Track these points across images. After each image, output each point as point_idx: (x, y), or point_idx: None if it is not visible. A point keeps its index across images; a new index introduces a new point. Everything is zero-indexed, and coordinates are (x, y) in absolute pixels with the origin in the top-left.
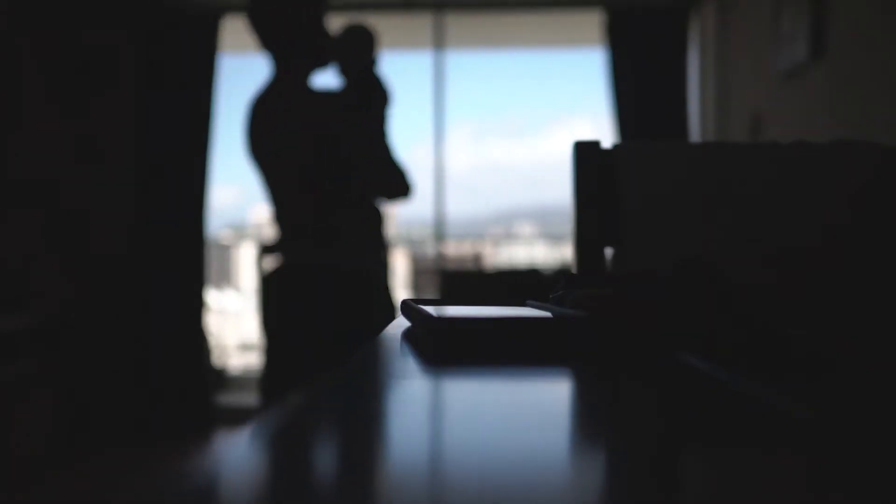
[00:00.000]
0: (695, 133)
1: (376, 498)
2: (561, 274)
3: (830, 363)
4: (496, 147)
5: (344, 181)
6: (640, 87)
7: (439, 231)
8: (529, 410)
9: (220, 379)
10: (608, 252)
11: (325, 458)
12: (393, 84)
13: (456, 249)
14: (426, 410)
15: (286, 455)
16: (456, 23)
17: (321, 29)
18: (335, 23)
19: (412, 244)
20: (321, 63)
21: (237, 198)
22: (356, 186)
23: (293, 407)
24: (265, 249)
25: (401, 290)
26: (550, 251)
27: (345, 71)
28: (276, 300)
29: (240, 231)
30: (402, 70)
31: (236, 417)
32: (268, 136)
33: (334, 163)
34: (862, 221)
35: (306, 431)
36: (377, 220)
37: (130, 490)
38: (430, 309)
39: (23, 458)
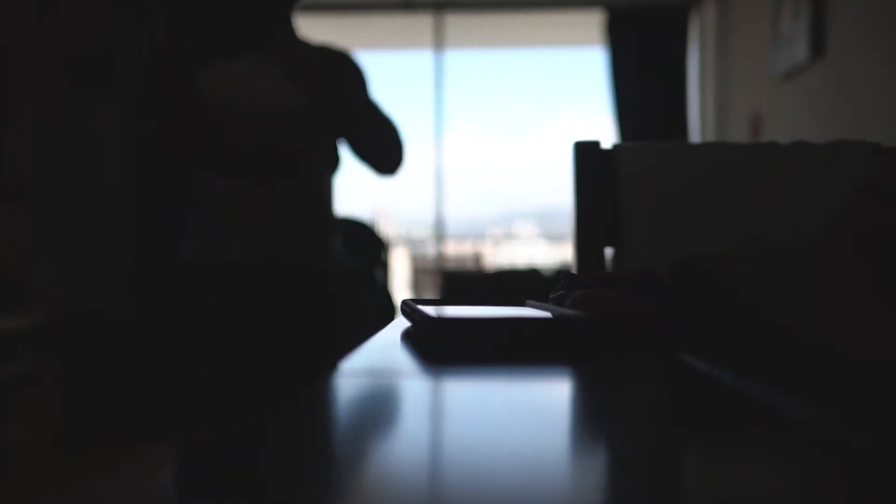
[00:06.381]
0: (695, 133)
1: (374, 498)
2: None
3: (829, 363)
4: (496, 147)
5: None
6: (640, 86)
7: (439, 231)
8: (529, 410)
9: None
10: (608, 252)
11: (323, 458)
12: (393, 84)
13: (456, 249)
14: (426, 410)
15: (285, 455)
16: (456, 23)
17: None
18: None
19: (412, 244)
20: None
21: None
22: None
23: (292, 407)
24: None
25: (401, 290)
26: (550, 251)
27: None
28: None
29: None
30: (402, 70)
31: None
32: None
33: None
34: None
35: (304, 432)
36: None
37: (129, 490)
38: (429, 309)
39: (22, 457)
